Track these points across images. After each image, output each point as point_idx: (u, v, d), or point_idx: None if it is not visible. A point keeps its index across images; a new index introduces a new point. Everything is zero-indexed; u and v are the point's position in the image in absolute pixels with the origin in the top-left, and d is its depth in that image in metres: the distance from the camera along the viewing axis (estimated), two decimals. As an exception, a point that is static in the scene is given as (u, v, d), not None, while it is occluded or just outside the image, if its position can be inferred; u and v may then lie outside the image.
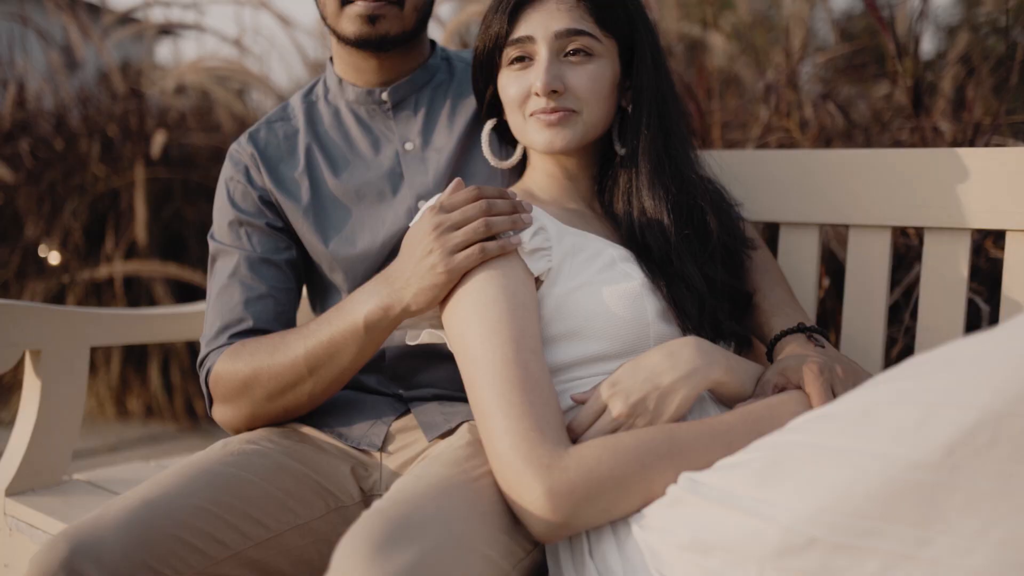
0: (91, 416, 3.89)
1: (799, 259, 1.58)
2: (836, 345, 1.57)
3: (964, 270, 1.41)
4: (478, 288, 1.16)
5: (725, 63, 3.00)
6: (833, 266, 2.03)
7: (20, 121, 4.02)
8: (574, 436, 1.13)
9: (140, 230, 3.58)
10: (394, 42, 1.44)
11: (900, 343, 1.91)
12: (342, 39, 1.44)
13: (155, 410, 3.85)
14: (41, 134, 3.93)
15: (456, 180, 1.23)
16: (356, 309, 1.24)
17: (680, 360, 1.14)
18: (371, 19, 1.40)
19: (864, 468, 0.86)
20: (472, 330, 1.14)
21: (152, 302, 3.78)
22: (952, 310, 1.42)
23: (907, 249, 1.98)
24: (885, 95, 2.67)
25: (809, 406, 1.12)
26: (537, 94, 1.26)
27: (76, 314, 1.71)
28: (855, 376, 1.16)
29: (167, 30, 4.24)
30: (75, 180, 3.80)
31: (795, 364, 1.17)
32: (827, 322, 1.99)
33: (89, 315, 1.73)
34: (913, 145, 2.15)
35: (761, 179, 1.59)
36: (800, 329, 1.26)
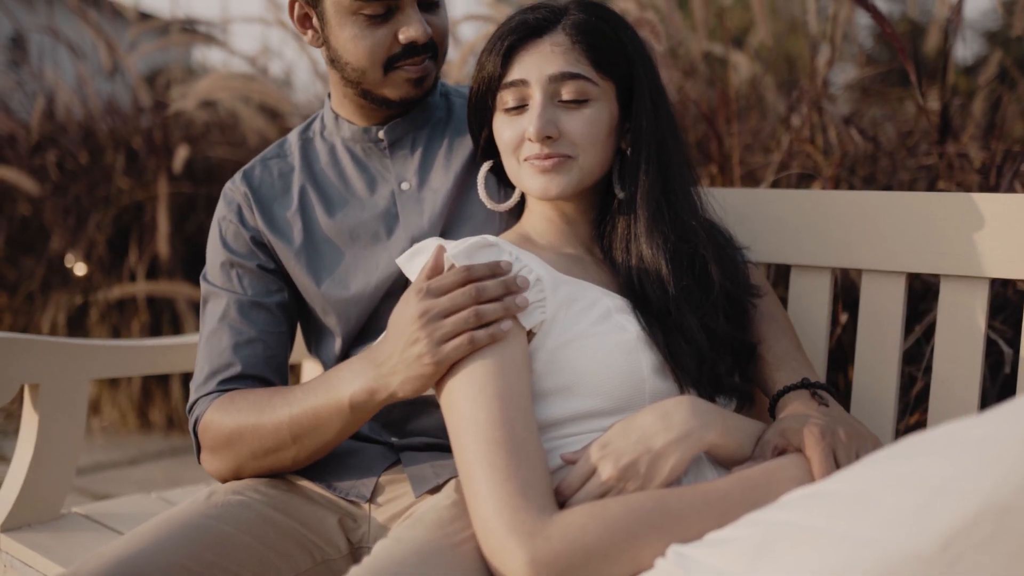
0: (113, 428, 3.92)
1: (810, 303, 1.52)
2: (847, 391, 1.51)
3: (982, 320, 1.34)
4: None
5: (749, 78, 2.93)
6: (852, 296, 1.96)
7: (48, 133, 4.06)
8: (562, 499, 1.09)
9: (163, 244, 3.59)
10: (429, 94, 1.43)
11: (920, 382, 1.84)
12: (379, 101, 1.40)
13: (176, 423, 3.87)
14: (68, 146, 3.96)
15: (438, 248, 1.17)
16: (342, 387, 1.20)
17: (674, 421, 1.09)
18: (418, 82, 1.38)
19: (856, 555, 0.82)
20: (459, 387, 1.11)
21: (175, 317, 3.79)
22: (969, 361, 1.35)
23: (930, 286, 1.91)
24: (914, 115, 2.59)
25: (809, 471, 1.08)
26: (531, 139, 1.21)
27: (75, 347, 1.69)
28: (859, 440, 1.11)
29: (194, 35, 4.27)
30: (100, 193, 3.83)
31: (796, 426, 1.11)
32: (844, 361, 1.92)
33: (88, 348, 1.72)
34: (939, 172, 2.07)
35: (771, 220, 1.53)
36: (804, 385, 1.21)
